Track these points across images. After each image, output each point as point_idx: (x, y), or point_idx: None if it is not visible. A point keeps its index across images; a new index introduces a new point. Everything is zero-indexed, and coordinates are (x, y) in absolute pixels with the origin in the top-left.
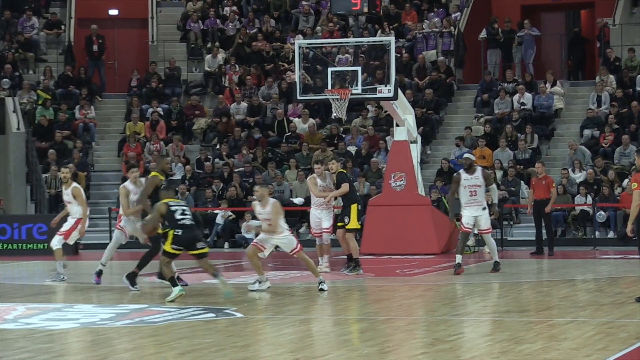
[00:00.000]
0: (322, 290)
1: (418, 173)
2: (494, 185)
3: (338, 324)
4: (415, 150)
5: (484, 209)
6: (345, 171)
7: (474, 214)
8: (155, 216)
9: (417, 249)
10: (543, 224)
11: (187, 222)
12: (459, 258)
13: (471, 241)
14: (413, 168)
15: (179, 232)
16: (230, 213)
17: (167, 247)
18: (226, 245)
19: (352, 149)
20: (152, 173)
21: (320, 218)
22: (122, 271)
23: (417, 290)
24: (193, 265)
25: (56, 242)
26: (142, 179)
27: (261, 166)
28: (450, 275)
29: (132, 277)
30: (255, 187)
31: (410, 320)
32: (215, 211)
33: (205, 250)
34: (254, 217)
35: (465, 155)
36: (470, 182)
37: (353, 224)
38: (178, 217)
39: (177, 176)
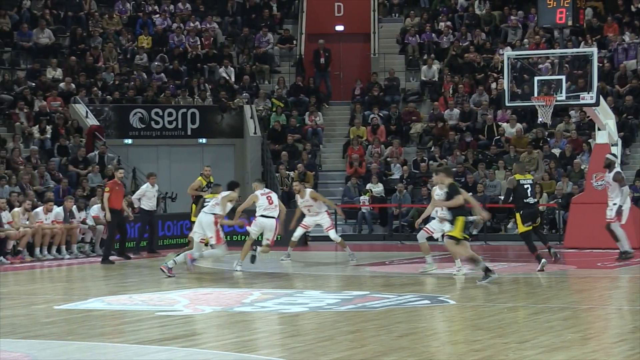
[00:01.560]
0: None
1: None
2: None
3: (543, 311)
4: (615, 152)
5: None
6: (456, 183)
7: None
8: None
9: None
10: None
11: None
12: None
13: None
14: None
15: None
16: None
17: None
18: (440, 238)
19: (556, 151)
20: (517, 175)
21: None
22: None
23: (617, 282)
24: (413, 256)
25: None
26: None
27: (472, 167)
28: None
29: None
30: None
31: (611, 310)
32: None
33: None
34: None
35: None
36: None
37: (456, 232)
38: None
39: (396, 176)
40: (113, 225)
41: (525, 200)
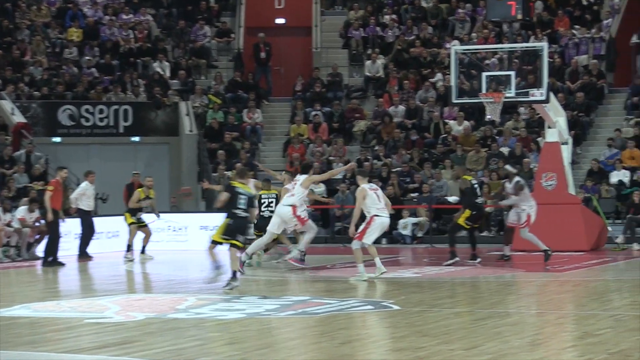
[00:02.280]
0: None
1: (569, 173)
2: None
3: (490, 317)
4: (566, 151)
5: None
6: (232, 185)
7: None
8: None
9: (566, 246)
10: None
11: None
12: None
13: (620, 239)
14: (564, 168)
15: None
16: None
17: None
18: (384, 241)
19: (505, 150)
20: (466, 177)
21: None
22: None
23: (567, 286)
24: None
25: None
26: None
27: (417, 166)
28: (600, 272)
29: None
30: None
31: (559, 315)
32: None
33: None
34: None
35: None
36: None
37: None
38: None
39: (338, 176)
40: (56, 225)
41: (476, 201)
